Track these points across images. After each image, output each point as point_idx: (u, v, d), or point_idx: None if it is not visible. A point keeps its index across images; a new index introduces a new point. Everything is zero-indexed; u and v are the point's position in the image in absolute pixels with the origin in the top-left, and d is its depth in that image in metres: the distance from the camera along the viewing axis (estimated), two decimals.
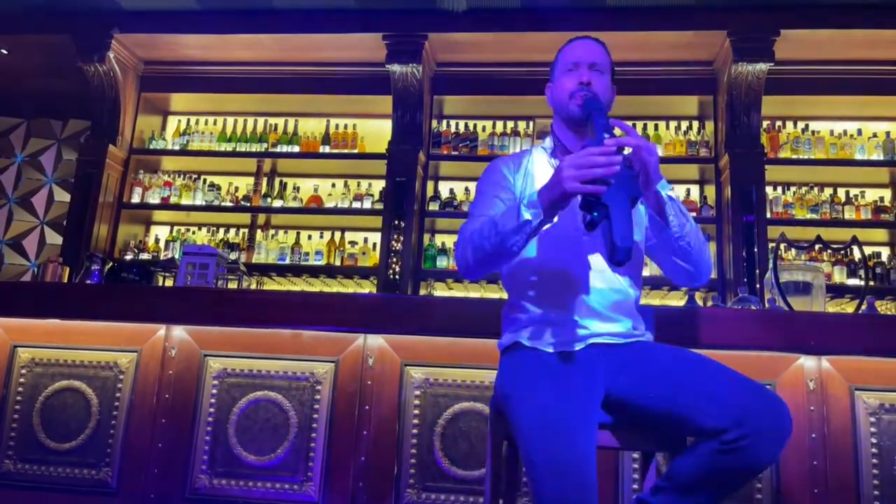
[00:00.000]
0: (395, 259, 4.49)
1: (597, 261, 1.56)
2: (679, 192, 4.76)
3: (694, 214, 4.57)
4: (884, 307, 4.35)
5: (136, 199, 5.03)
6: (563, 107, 1.68)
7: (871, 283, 4.35)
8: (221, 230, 5.07)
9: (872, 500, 2.26)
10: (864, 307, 2.71)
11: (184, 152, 5.11)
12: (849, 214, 4.46)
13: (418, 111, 4.68)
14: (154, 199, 5.03)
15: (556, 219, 1.47)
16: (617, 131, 1.44)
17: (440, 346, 2.51)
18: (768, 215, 4.40)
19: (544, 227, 1.45)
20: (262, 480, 2.50)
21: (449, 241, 4.89)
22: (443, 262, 4.69)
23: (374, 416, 2.51)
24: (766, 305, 2.73)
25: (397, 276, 4.46)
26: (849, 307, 4.29)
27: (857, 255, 4.52)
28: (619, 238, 1.27)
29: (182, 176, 5.14)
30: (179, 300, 2.60)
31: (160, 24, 4.78)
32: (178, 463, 2.54)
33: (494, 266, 1.53)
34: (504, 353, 1.62)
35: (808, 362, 2.37)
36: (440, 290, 4.80)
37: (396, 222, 4.55)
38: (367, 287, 4.75)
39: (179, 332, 2.64)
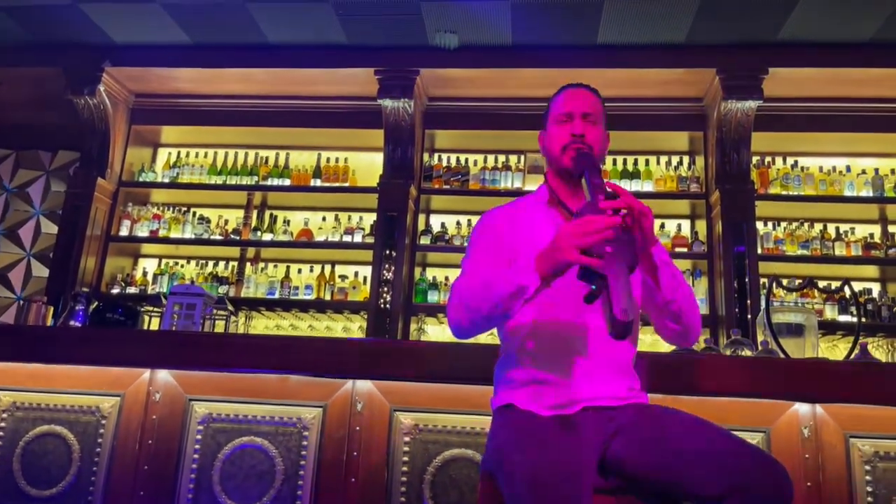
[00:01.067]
0: (385, 293, 4.45)
1: (594, 321, 1.53)
2: (670, 227, 4.77)
3: (685, 250, 4.58)
4: (874, 343, 4.34)
5: (124, 232, 4.99)
6: (556, 159, 1.68)
7: (864, 319, 4.34)
8: (210, 264, 5.03)
9: None
10: (856, 351, 2.69)
11: (173, 185, 5.08)
12: (839, 251, 4.47)
13: (410, 146, 4.68)
14: (143, 231, 4.99)
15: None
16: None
17: (430, 391, 2.47)
18: (759, 251, 4.41)
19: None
20: None
21: (440, 275, 4.86)
22: (434, 297, 4.65)
23: (362, 463, 2.46)
24: (760, 347, 2.70)
25: (388, 311, 4.41)
26: (840, 343, 4.28)
27: (848, 292, 4.52)
28: (619, 311, 1.24)
29: (171, 209, 5.11)
30: (164, 344, 2.56)
31: (151, 57, 4.79)
32: None
33: (489, 328, 1.51)
34: (497, 412, 1.58)
35: (802, 409, 2.34)
36: (431, 325, 4.76)
37: (388, 256, 4.52)
38: (358, 321, 4.71)
39: (164, 375, 2.59)
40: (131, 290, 4.90)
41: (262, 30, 4.52)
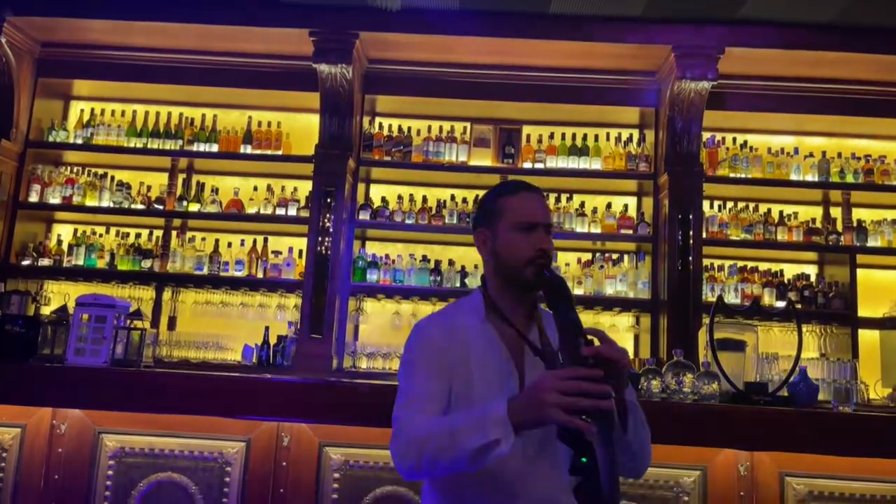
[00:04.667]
0: (322, 271, 4.24)
1: (542, 466, 1.40)
2: (617, 206, 4.66)
3: (630, 232, 4.49)
4: (808, 329, 4.40)
5: (33, 198, 4.57)
6: (516, 270, 1.51)
7: (799, 305, 4.38)
8: (132, 233, 4.69)
9: None
10: (795, 373, 2.67)
11: (88, 147, 4.65)
12: (781, 235, 4.46)
13: (348, 115, 4.37)
14: (55, 198, 4.58)
15: None
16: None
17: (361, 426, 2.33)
18: (704, 235, 4.35)
19: None
20: None
21: (381, 251, 4.66)
22: (374, 276, 4.46)
23: (289, 501, 2.33)
24: (701, 368, 2.65)
25: (324, 290, 4.22)
26: (776, 328, 4.31)
27: (787, 277, 4.55)
28: (607, 485, 1.12)
29: (86, 172, 4.70)
30: (68, 383, 2.32)
31: (59, 6, 4.27)
32: None
33: (449, 474, 1.37)
34: None
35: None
36: (371, 306, 4.59)
37: (324, 231, 4.28)
38: (293, 300, 4.50)
39: None
40: (44, 261, 4.54)
41: None
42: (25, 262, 4.53)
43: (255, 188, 4.66)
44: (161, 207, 4.59)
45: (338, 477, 2.34)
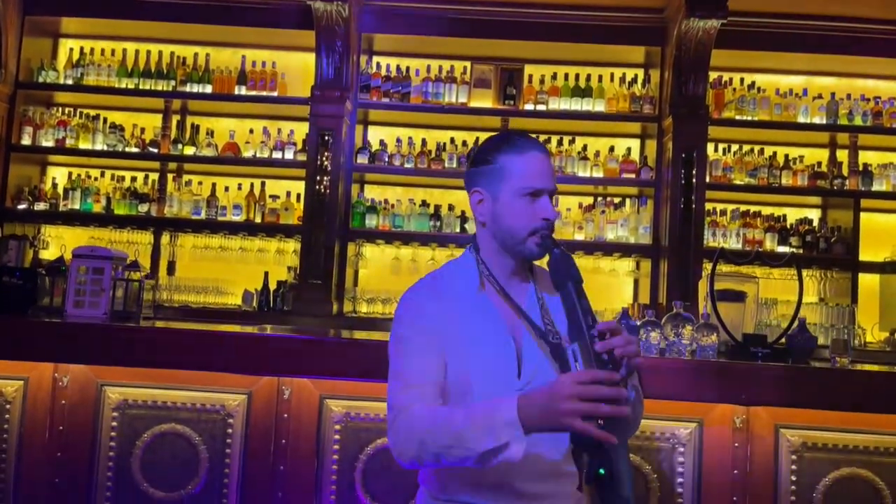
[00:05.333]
0: (320, 216, 4.20)
1: (550, 454, 1.37)
2: (620, 149, 4.57)
3: (633, 176, 4.43)
4: (809, 274, 4.40)
5: (26, 141, 4.49)
6: (516, 239, 1.42)
7: (801, 250, 4.37)
8: (127, 176, 4.62)
9: None
10: (794, 325, 2.67)
11: (78, 87, 4.53)
12: (786, 180, 4.40)
13: (345, 55, 4.24)
14: (48, 140, 4.50)
15: None
16: None
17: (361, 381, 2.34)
18: (707, 179, 4.30)
19: None
20: None
21: (379, 195, 4.61)
22: (372, 221, 4.43)
23: (290, 451, 2.37)
24: (700, 320, 2.65)
25: (323, 236, 4.20)
26: (775, 273, 4.30)
27: (789, 222, 4.51)
28: (629, 495, 1.09)
29: (78, 114, 4.60)
30: (70, 338, 2.33)
31: None
32: (80, 500, 2.36)
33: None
34: None
35: None
36: (370, 251, 4.57)
37: (322, 174, 4.23)
38: (292, 245, 4.48)
39: None
40: (40, 205, 4.50)
41: None
42: (21, 207, 4.48)
43: (251, 131, 4.57)
44: (156, 150, 4.51)
45: (339, 429, 2.37)
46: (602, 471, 1.10)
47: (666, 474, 2.33)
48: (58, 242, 4.61)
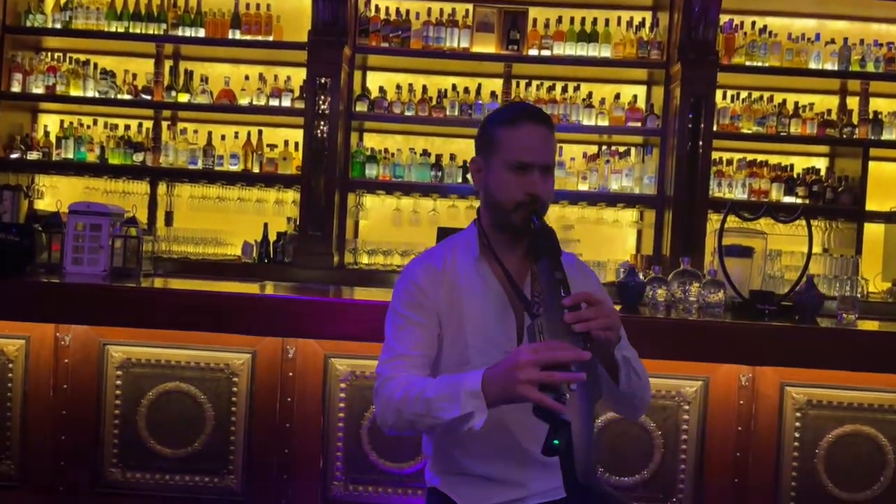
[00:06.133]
0: (319, 166, 4.13)
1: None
2: (626, 96, 4.46)
3: (639, 125, 4.33)
4: (815, 225, 4.35)
5: (16, 88, 4.36)
6: (503, 212, 1.40)
7: (808, 201, 4.32)
8: (121, 124, 4.51)
9: (790, 491, 2.33)
10: (803, 281, 2.64)
11: (67, 31, 4.37)
12: (794, 128, 4.31)
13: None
14: (38, 87, 4.37)
15: None
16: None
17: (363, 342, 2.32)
18: (714, 128, 4.20)
19: None
20: (181, 473, 2.38)
21: (379, 144, 4.52)
22: (372, 171, 4.35)
23: (297, 409, 2.37)
24: (707, 276, 2.62)
25: (322, 186, 4.13)
26: (779, 229, 4.25)
27: (796, 171, 4.45)
28: (581, 475, 1.07)
29: (68, 59, 4.45)
30: (70, 301, 2.29)
31: None
32: (87, 455, 2.38)
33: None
34: (431, 493, 1.45)
35: None
36: (370, 201, 4.51)
37: (319, 125, 4.13)
38: (291, 195, 4.41)
39: None
40: (33, 154, 4.40)
41: None
42: (14, 156, 4.39)
43: (247, 77, 4.43)
44: (149, 97, 4.39)
45: (344, 387, 2.37)
46: (556, 441, 1.08)
47: (671, 431, 2.34)
48: (52, 192, 4.55)
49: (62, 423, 2.38)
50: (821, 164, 4.56)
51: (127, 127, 4.50)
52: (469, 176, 4.29)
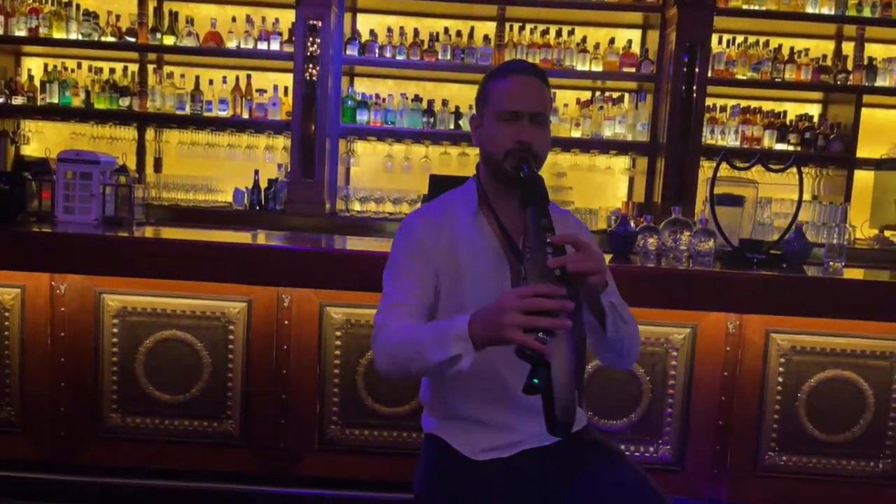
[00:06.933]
0: (309, 112, 4.07)
1: None
2: (620, 41, 4.39)
3: (633, 70, 4.28)
4: (806, 172, 4.37)
5: None
6: (495, 162, 1.43)
7: (799, 148, 4.32)
8: (105, 68, 4.41)
9: (771, 433, 2.42)
10: (792, 230, 2.67)
11: None
12: (789, 74, 4.28)
13: None
14: (20, 30, 4.24)
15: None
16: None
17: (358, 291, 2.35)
18: (709, 74, 4.17)
19: None
20: (180, 418, 2.43)
21: (370, 89, 4.45)
22: (363, 117, 4.30)
23: (293, 357, 2.41)
24: (698, 225, 2.65)
25: (313, 132, 4.08)
26: (770, 175, 4.27)
27: (789, 118, 4.43)
28: (560, 411, 1.10)
29: (50, 0, 4.31)
30: (65, 249, 2.29)
31: None
32: (87, 401, 2.42)
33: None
34: (427, 437, 1.49)
35: None
36: (362, 148, 4.47)
37: (309, 69, 4.05)
38: (281, 141, 4.36)
39: None
40: (17, 99, 4.32)
41: None
42: None
43: (234, 19, 4.32)
44: (133, 40, 4.28)
45: (340, 335, 2.40)
46: (536, 380, 1.10)
47: (658, 377, 2.40)
48: (39, 138, 4.48)
49: (61, 370, 2.41)
50: (814, 110, 4.54)
51: (112, 70, 4.40)
52: (462, 122, 4.30)
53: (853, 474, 2.43)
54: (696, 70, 4.07)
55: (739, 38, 4.37)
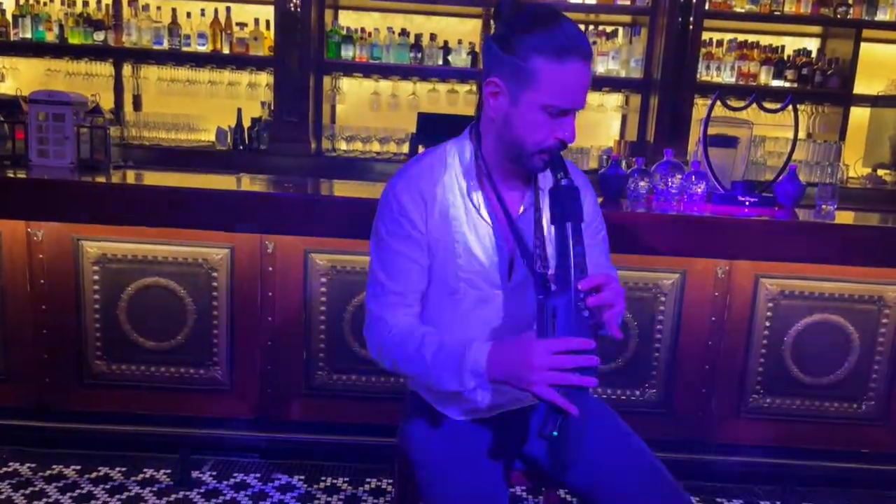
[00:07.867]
0: (292, 47, 3.92)
1: (519, 315, 1.34)
2: None
3: (627, 3, 4.12)
4: (802, 109, 4.28)
5: None
6: (520, 151, 1.25)
7: (796, 84, 4.22)
8: (79, 1, 4.20)
9: (756, 376, 2.43)
10: (785, 173, 2.62)
11: None
12: (788, 7, 4.13)
13: None
14: None
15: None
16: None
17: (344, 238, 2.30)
18: (707, 6, 4.02)
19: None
20: (166, 365, 2.42)
21: (355, 23, 4.28)
22: (348, 52, 4.14)
23: (278, 304, 2.39)
24: (689, 168, 2.59)
25: (297, 68, 3.95)
26: (763, 116, 4.18)
27: (787, 53, 4.31)
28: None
29: None
30: (41, 196, 2.22)
31: None
32: (70, 349, 2.41)
33: None
34: (410, 395, 1.46)
35: None
36: (347, 84, 4.33)
37: (291, 2, 3.88)
38: (265, 78, 4.22)
39: None
40: None
41: None
42: None
43: None
44: None
45: (325, 281, 2.37)
46: (556, 433, 1.09)
47: (646, 320, 2.39)
48: (13, 75, 4.32)
49: (42, 317, 2.38)
50: (812, 45, 4.41)
51: (85, 3, 4.19)
52: (450, 58, 4.16)
53: (837, 416, 2.46)
54: (694, 1, 3.93)
55: None
